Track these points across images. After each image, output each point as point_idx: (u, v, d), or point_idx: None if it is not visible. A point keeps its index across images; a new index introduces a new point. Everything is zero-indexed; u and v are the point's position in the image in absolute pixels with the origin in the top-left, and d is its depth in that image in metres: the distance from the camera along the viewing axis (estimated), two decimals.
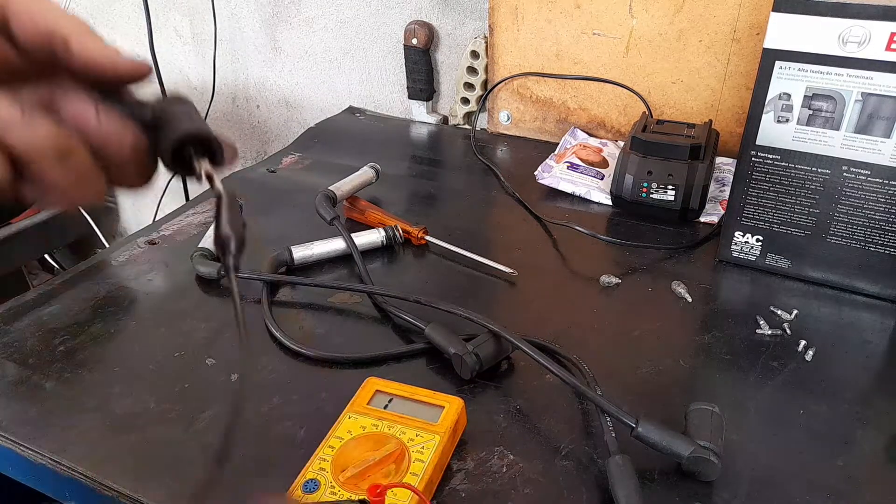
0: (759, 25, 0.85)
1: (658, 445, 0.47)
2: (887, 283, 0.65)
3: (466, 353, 0.55)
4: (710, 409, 0.48)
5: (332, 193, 0.78)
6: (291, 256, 0.70)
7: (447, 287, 0.69)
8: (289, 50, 1.24)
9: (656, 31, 0.91)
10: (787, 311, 0.64)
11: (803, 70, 0.61)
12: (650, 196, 0.79)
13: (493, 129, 1.09)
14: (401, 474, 0.44)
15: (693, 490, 0.46)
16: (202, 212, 0.83)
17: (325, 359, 0.59)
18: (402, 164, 0.98)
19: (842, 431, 0.51)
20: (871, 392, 0.55)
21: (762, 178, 0.66)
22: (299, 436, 0.51)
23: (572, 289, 0.69)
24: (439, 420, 0.48)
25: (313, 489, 0.44)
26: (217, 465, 0.26)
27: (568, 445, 0.50)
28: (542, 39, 0.98)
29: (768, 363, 0.58)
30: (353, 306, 0.66)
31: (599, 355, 0.58)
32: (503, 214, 0.84)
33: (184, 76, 1.38)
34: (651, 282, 0.69)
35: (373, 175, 0.86)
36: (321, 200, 0.77)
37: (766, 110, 0.64)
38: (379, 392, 0.51)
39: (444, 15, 1.07)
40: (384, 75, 1.18)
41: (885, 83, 0.58)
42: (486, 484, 0.47)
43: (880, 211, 0.62)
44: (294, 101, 1.30)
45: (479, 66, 1.05)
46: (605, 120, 1.00)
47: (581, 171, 0.89)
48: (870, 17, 0.56)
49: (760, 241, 0.69)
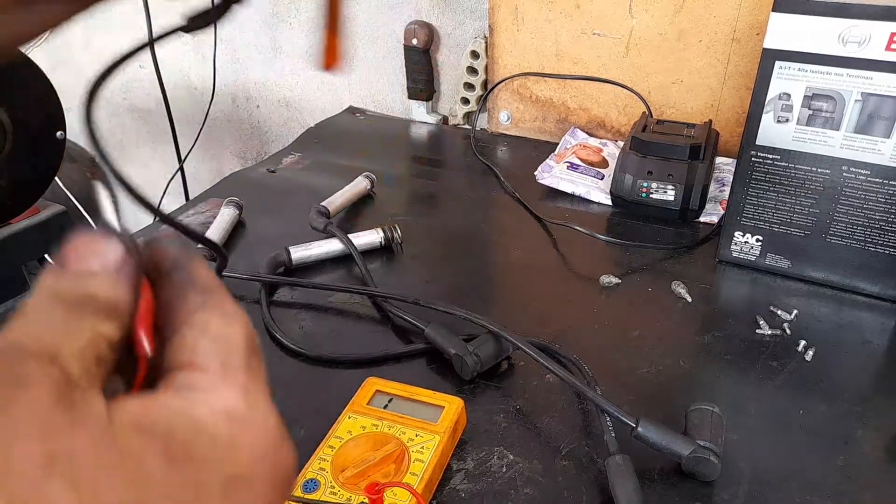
0: (759, 25, 0.85)
1: (658, 445, 0.46)
2: (887, 283, 0.65)
3: (467, 353, 0.55)
4: (710, 409, 0.48)
5: (324, 209, 0.78)
6: (289, 257, 0.70)
7: (447, 287, 0.69)
8: (289, 50, 1.24)
9: (656, 31, 0.91)
10: (787, 311, 0.64)
11: (803, 70, 0.61)
12: (650, 196, 0.79)
13: (493, 129, 1.09)
14: (401, 474, 0.44)
15: (693, 490, 0.46)
16: (202, 212, 0.83)
17: (325, 359, 0.58)
18: (402, 165, 0.98)
19: (842, 431, 0.51)
20: (870, 392, 0.55)
21: (762, 178, 0.66)
22: (299, 436, 0.51)
23: (572, 289, 0.69)
24: (439, 420, 0.48)
25: (313, 489, 0.44)
26: None
27: (568, 445, 0.50)
28: (542, 39, 0.98)
29: (768, 363, 0.58)
30: (353, 306, 0.66)
31: (599, 355, 0.58)
32: (503, 214, 0.84)
33: (184, 76, 1.38)
34: (651, 282, 0.69)
35: (367, 185, 0.86)
36: (314, 216, 0.76)
37: (766, 110, 0.64)
38: (379, 392, 0.51)
39: (444, 15, 1.07)
40: (384, 75, 1.18)
41: (885, 83, 0.58)
42: (486, 484, 0.47)
43: (880, 211, 0.62)
44: (294, 101, 1.30)
45: (479, 66, 1.05)
46: (605, 120, 1.00)
47: (581, 171, 0.89)
48: (870, 17, 0.56)
49: (760, 241, 0.69)
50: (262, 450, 0.20)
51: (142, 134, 1.51)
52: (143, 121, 1.49)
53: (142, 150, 1.54)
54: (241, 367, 0.21)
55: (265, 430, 0.21)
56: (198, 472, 0.18)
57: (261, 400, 0.21)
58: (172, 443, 0.18)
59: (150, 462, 0.17)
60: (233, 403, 0.20)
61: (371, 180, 0.86)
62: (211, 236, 0.74)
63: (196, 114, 1.36)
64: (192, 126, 1.35)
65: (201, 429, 0.19)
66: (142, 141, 1.53)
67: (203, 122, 1.29)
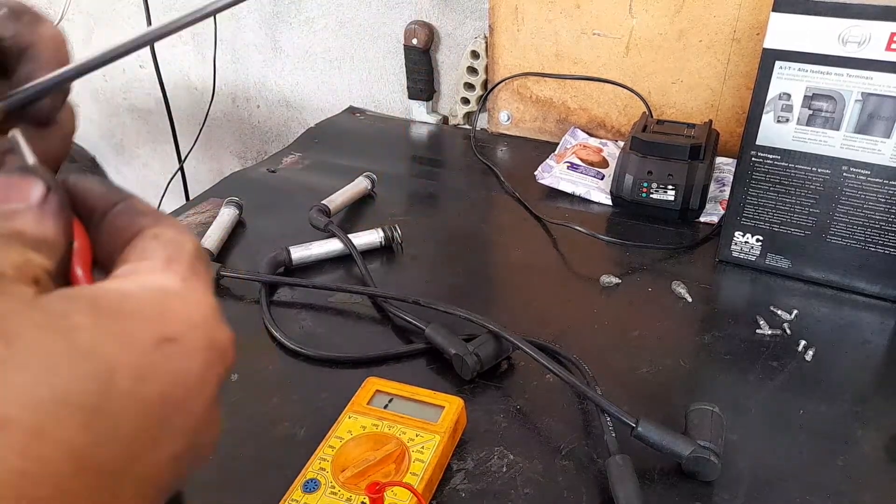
0: (759, 25, 0.85)
1: (658, 445, 0.47)
2: (887, 283, 0.65)
3: (467, 353, 0.55)
4: (710, 409, 0.48)
5: (325, 207, 0.78)
6: (289, 257, 0.70)
7: (447, 287, 0.69)
8: (289, 50, 1.24)
9: (656, 31, 0.91)
10: (787, 311, 0.64)
11: (803, 70, 0.61)
12: (650, 196, 0.79)
13: (493, 129, 1.09)
14: (401, 474, 0.44)
15: (693, 490, 0.46)
16: (202, 212, 0.83)
17: (325, 359, 0.59)
18: (402, 165, 0.98)
19: (842, 431, 0.51)
20: (871, 392, 0.55)
21: (762, 178, 0.66)
22: (299, 436, 0.51)
23: (572, 289, 0.69)
24: (439, 420, 0.48)
25: (313, 489, 0.44)
26: None
27: (568, 445, 0.50)
28: (542, 39, 0.98)
29: (768, 363, 0.58)
30: (353, 306, 0.66)
31: (599, 355, 0.58)
32: (503, 214, 0.84)
33: (184, 76, 1.38)
34: (651, 282, 0.69)
35: (367, 185, 0.86)
36: (314, 214, 0.77)
37: (766, 110, 0.64)
38: (379, 392, 0.51)
39: (444, 15, 1.07)
40: (384, 75, 1.18)
41: (885, 83, 0.58)
42: (486, 484, 0.47)
43: (880, 211, 0.62)
44: (294, 101, 1.30)
45: (479, 66, 1.05)
46: (605, 120, 1.00)
47: (581, 171, 0.89)
48: (870, 17, 0.56)
49: (760, 241, 0.69)
50: (194, 321, 0.20)
51: (142, 134, 1.51)
52: (143, 121, 1.49)
53: (142, 150, 1.54)
54: (186, 263, 0.21)
55: (198, 305, 0.20)
56: (125, 323, 0.18)
57: (199, 288, 0.21)
58: (99, 301, 0.18)
59: (77, 318, 0.17)
60: (168, 284, 0.20)
61: (372, 180, 0.86)
62: (211, 236, 0.74)
63: (196, 114, 1.36)
64: (192, 126, 1.35)
65: (129, 294, 0.19)
66: (142, 141, 1.53)
67: (203, 122, 1.29)
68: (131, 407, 0.18)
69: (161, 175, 1.52)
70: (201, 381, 0.20)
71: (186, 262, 0.21)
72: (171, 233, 0.22)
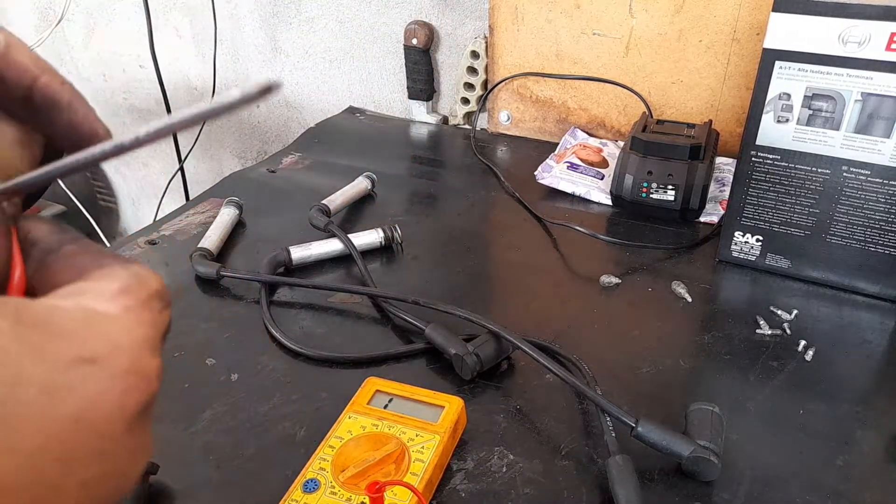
0: (759, 25, 0.85)
1: (658, 445, 0.47)
2: (887, 283, 0.65)
3: (467, 353, 0.55)
4: (710, 409, 0.48)
5: (325, 207, 0.78)
6: (289, 257, 0.70)
7: (447, 287, 0.69)
8: (289, 50, 1.24)
9: (656, 31, 0.91)
10: (787, 311, 0.64)
11: (803, 70, 0.61)
12: (650, 196, 0.79)
13: (493, 129, 1.09)
14: (401, 474, 0.44)
15: (693, 490, 0.46)
16: (202, 212, 0.83)
17: (325, 359, 0.59)
18: (402, 165, 0.98)
19: (842, 431, 0.51)
20: (870, 392, 0.55)
21: (762, 179, 0.66)
22: (299, 436, 0.51)
23: (572, 289, 0.69)
24: (439, 420, 0.48)
25: (313, 489, 0.44)
26: None
27: (568, 445, 0.50)
28: (542, 39, 0.98)
29: (768, 363, 0.58)
30: (353, 306, 0.66)
31: (599, 355, 0.58)
32: (503, 214, 0.84)
33: (184, 76, 1.38)
34: (651, 282, 0.69)
35: (367, 185, 0.86)
36: (314, 214, 0.77)
37: (766, 110, 0.64)
38: (379, 392, 0.51)
39: (444, 15, 1.07)
40: (384, 75, 1.18)
41: (885, 83, 0.58)
42: (486, 484, 0.47)
43: (880, 211, 0.62)
44: (294, 101, 1.30)
45: (479, 66, 1.05)
46: (605, 120, 1.00)
47: (581, 171, 0.89)
48: (870, 17, 0.56)
49: (760, 241, 0.69)
50: (119, 344, 0.19)
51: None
52: (143, 121, 1.49)
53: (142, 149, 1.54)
54: (140, 298, 0.21)
55: (129, 332, 0.20)
56: (44, 336, 0.18)
57: (142, 320, 0.21)
58: (23, 311, 0.18)
59: None
60: (106, 308, 0.20)
61: (372, 180, 0.87)
62: (211, 236, 0.74)
63: None
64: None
65: (57, 310, 0.19)
66: None
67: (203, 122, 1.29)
68: (35, 421, 0.17)
69: (161, 175, 1.52)
70: (119, 406, 0.19)
71: (141, 297, 0.21)
72: (140, 269, 0.22)
